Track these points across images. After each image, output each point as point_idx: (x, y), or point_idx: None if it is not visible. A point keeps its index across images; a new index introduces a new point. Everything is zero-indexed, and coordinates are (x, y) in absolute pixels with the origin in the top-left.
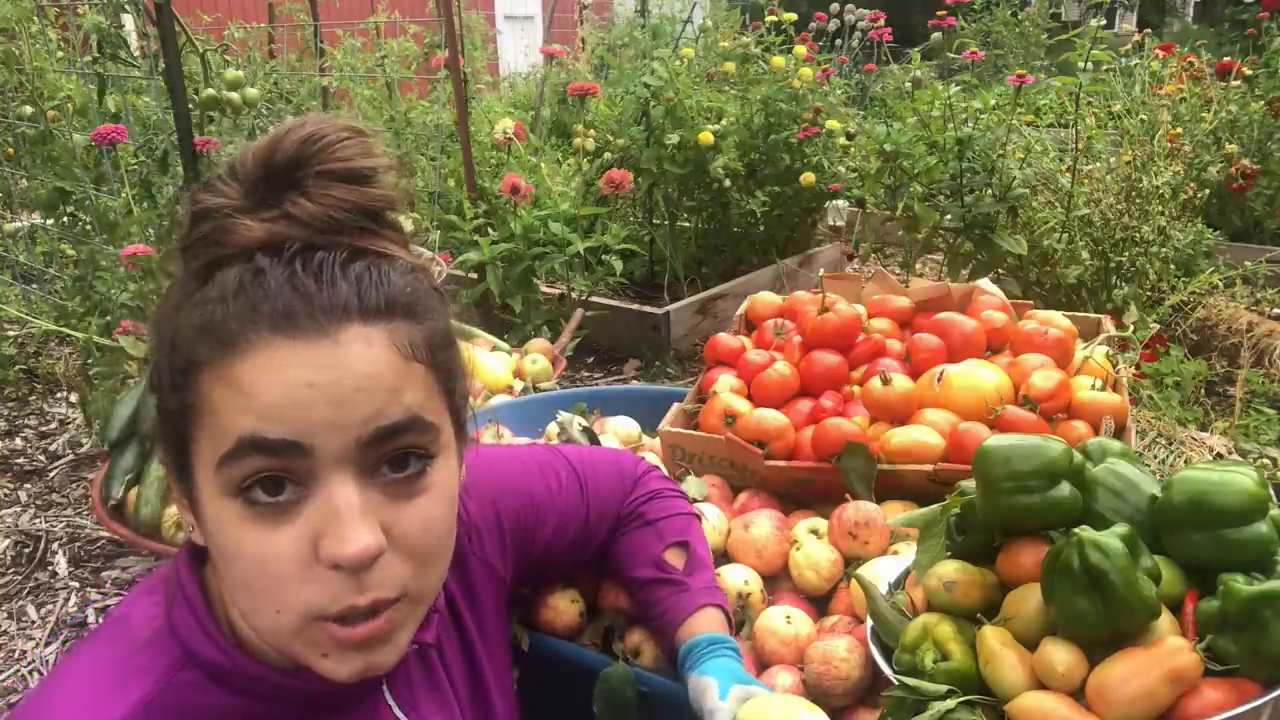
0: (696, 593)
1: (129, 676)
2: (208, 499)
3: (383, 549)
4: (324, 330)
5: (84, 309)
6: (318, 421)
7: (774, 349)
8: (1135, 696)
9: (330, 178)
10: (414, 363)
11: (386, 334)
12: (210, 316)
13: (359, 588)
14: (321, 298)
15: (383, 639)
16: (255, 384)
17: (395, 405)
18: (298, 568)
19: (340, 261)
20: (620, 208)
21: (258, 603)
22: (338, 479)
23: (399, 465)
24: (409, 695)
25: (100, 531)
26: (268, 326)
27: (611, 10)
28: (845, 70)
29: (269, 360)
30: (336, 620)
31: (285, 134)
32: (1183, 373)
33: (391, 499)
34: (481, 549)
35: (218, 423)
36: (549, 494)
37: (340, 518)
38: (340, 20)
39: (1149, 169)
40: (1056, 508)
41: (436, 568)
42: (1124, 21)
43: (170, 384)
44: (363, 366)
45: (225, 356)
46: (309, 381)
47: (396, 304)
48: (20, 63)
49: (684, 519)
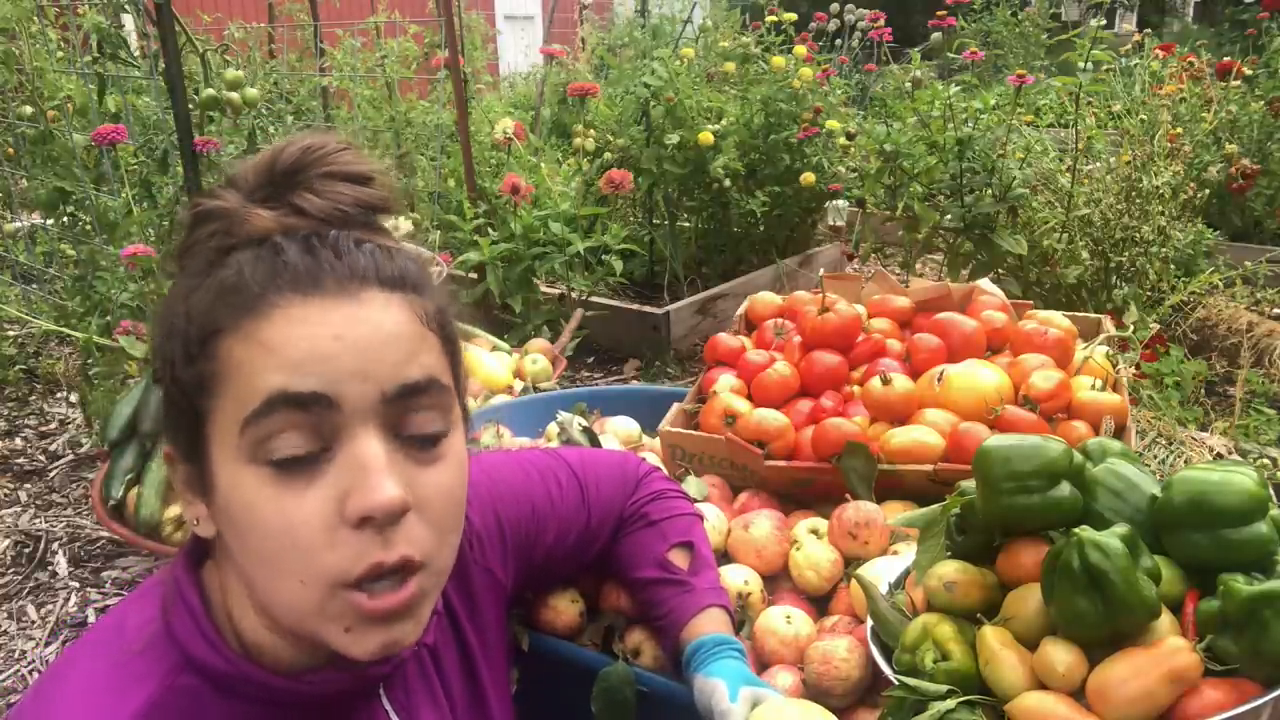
0: (701, 593)
1: (127, 682)
2: (224, 471)
3: (409, 504)
4: (346, 290)
5: (84, 309)
6: (344, 373)
7: (774, 349)
8: (1135, 696)
9: (332, 178)
10: (429, 331)
11: (404, 300)
12: (231, 285)
13: (385, 543)
14: (341, 264)
15: (406, 612)
16: (282, 340)
17: (415, 365)
18: (324, 531)
19: (354, 239)
20: (620, 208)
21: (280, 575)
22: (364, 434)
23: (418, 430)
24: (406, 701)
25: (100, 531)
26: (290, 287)
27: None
28: (845, 70)
29: (294, 317)
30: (361, 588)
31: (285, 145)
32: (1183, 373)
33: (414, 463)
34: (483, 556)
35: (242, 383)
36: (550, 500)
37: (369, 470)
38: (340, 20)
39: (1149, 169)
40: (1056, 508)
41: (452, 539)
42: (1124, 21)
43: (185, 358)
44: (385, 324)
45: (248, 319)
46: (336, 335)
47: (408, 278)
48: (20, 63)
49: (687, 519)
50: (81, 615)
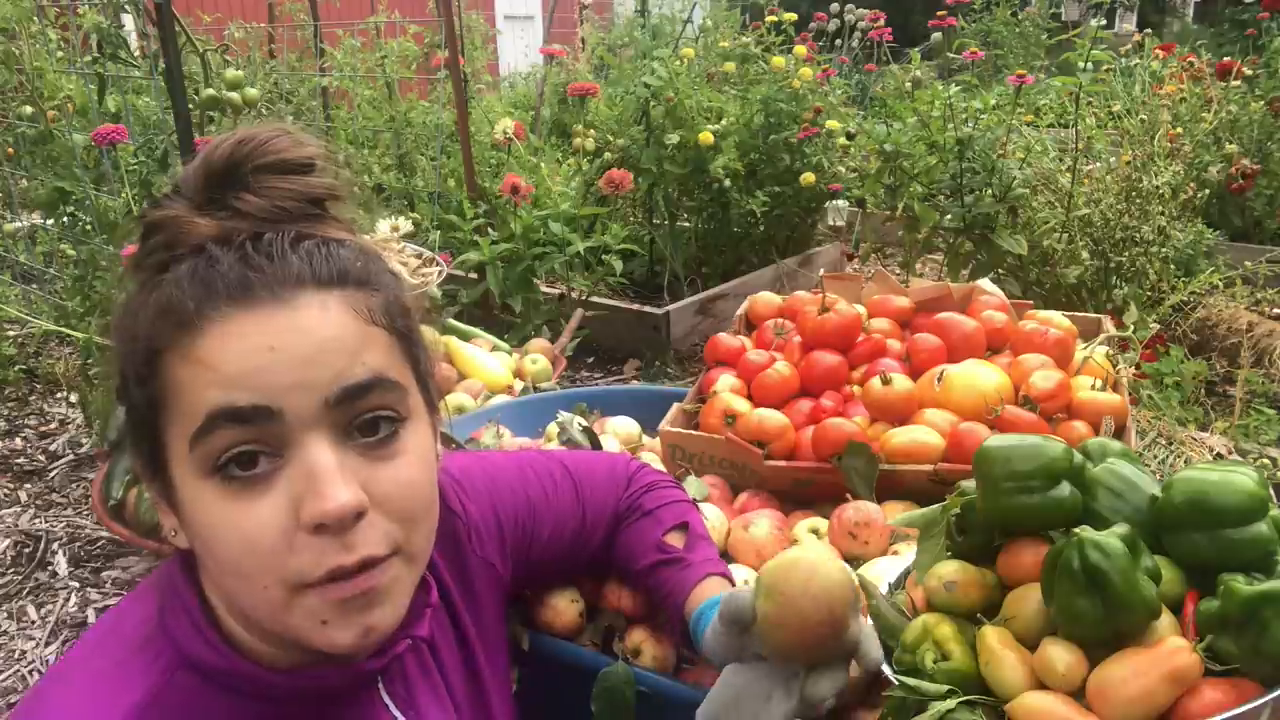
0: (698, 565)
1: (125, 680)
2: (184, 486)
3: (363, 506)
4: (279, 297)
5: (84, 309)
6: (283, 383)
7: (774, 349)
8: (1135, 696)
9: (269, 170)
10: (373, 326)
11: (342, 299)
12: (168, 303)
13: (345, 547)
14: (273, 269)
15: (379, 596)
16: (217, 356)
17: (358, 365)
18: (281, 537)
19: (289, 240)
20: (620, 208)
21: (246, 583)
22: (311, 441)
23: (371, 429)
24: (405, 693)
25: (100, 531)
26: (224, 300)
27: (611, 10)
28: (845, 70)
29: (228, 331)
30: (326, 583)
31: (218, 144)
32: (1183, 373)
33: (368, 461)
34: (482, 548)
35: (185, 402)
36: (545, 496)
37: (318, 477)
38: (340, 20)
39: (1149, 169)
40: (1057, 508)
41: (423, 527)
42: (1124, 21)
43: (136, 379)
44: (322, 329)
45: (186, 336)
46: (270, 345)
47: (349, 274)
48: (20, 63)
49: (681, 504)
50: (81, 615)
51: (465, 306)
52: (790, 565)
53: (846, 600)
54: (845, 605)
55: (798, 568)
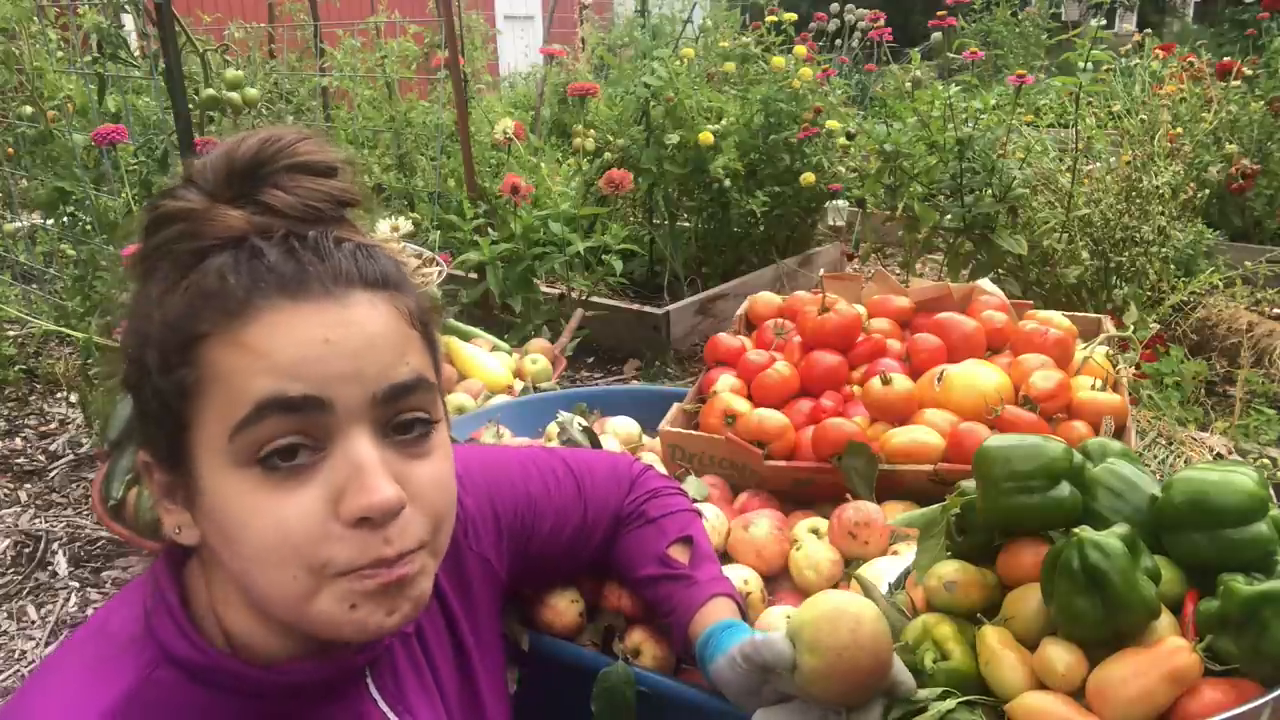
0: (705, 585)
1: (106, 676)
2: (213, 475)
3: (404, 501)
4: (331, 293)
5: (84, 309)
6: (335, 375)
7: (774, 349)
8: (1135, 696)
9: (298, 171)
10: (413, 330)
11: (388, 301)
12: (214, 289)
13: (386, 541)
14: (324, 267)
15: (409, 584)
16: (270, 344)
17: (403, 364)
18: (319, 528)
19: (333, 239)
20: (620, 208)
21: (276, 569)
22: (356, 435)
23: (405, 429)
24: (395, 688)
25: (100, 531)
26: (275, 291)
27: (611, 10)
28: (845, 70)
29: (281, 321)
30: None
31: (240, 140)
32: (1183, 373)
33: (404, 458)
34: (478, 544)
35: (231, 390)
36: (546, 491)
37: (364, 470)
38: (340, 20)
39: (1149, 169)
40: (1057, 508)
41: (447, 524)
42: (1124, 21)
43: (163, 369)
44: (372, 325)
45: (233, 324)
46: (325, 338)
47: (390, 278)
48: (20, 63)
49: (685, 515)
50: (81, 615)
51: (465, 306)
52: (834, 617)
53: (891, 645)
54: (890, 650)
55: (842, 620)
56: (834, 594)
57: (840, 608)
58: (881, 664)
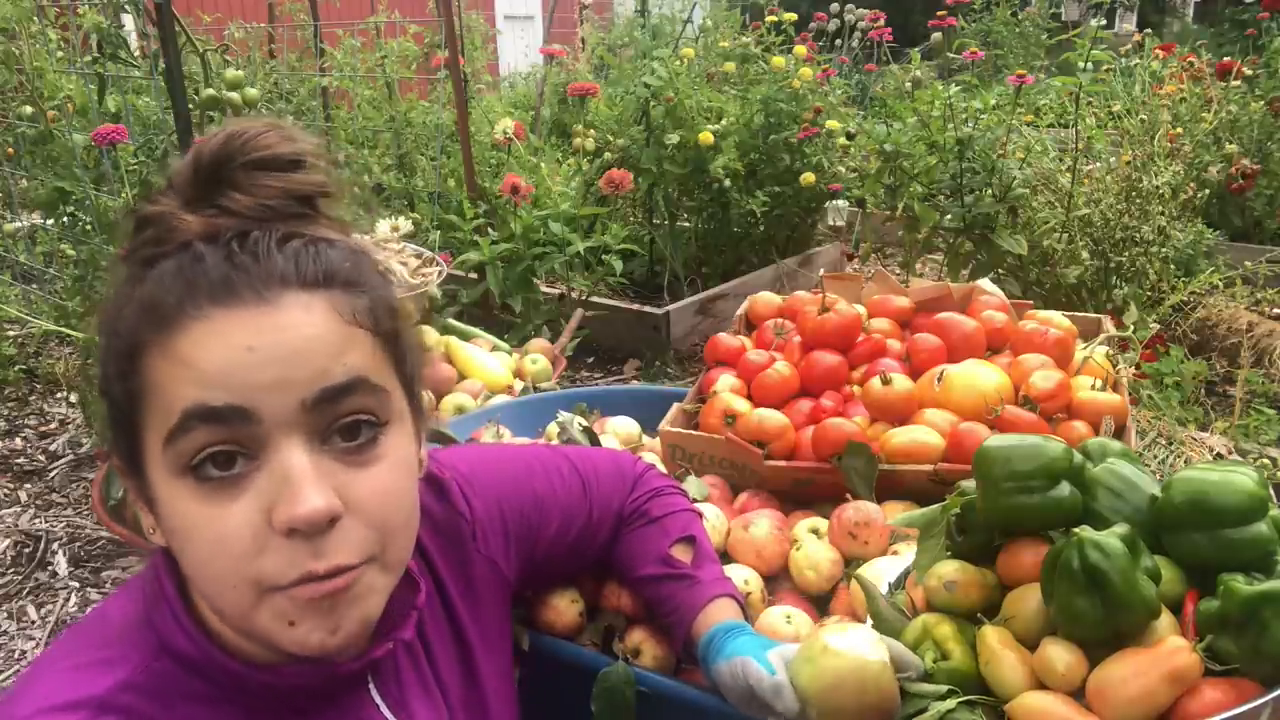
0: (707, 585)
1: (105, 665)
2: (158, 485)
3: (336, 512)
4: (262, 297)
5: (84, 309)
6: (261, 384)
7: (774, 349)
8: (1135, 696)
9: (257, 167)
10: (356, 327)
11: (326, 300)
12: (150, 299)
13: (315, 553)
14: (258, 269)
15: (348, 600)
16: (196, 354)
17: (338, 366)
18: (252, 539)
19: (276, 239)
20: (620, 208)
21: (216, 582)
22: (287, 444)
23: (350, 434)
24: (398, 693)
25: (100, 531)
26: (206, 298)
27: (611, 10)
28: (845, 70)
29: (209, 329)
30: (295, 585)
31: (208, 139)
32: (1183, 373)
33: (345, 466)
34: (486, 547)
35: (162, 399)
36: (552, 492)
37: (291, 481)
38: (340, 20)
39: (1149, 169)
40: (1056, 508)
41: (401, 536)
42: (1124, 21)
43: (117, 374)
44: (304, 329)
45: (166, 333)
46: (249, 345)
47: (335, 275)
48: (20, 63)
49: (687, 515)
50: (81, 615)
51: (465, 306)
52: (839, 679)
53: (897, 696)
54: (896, 700)
55: (848, 683)
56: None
57: (844, 670)
58: (888, 712)
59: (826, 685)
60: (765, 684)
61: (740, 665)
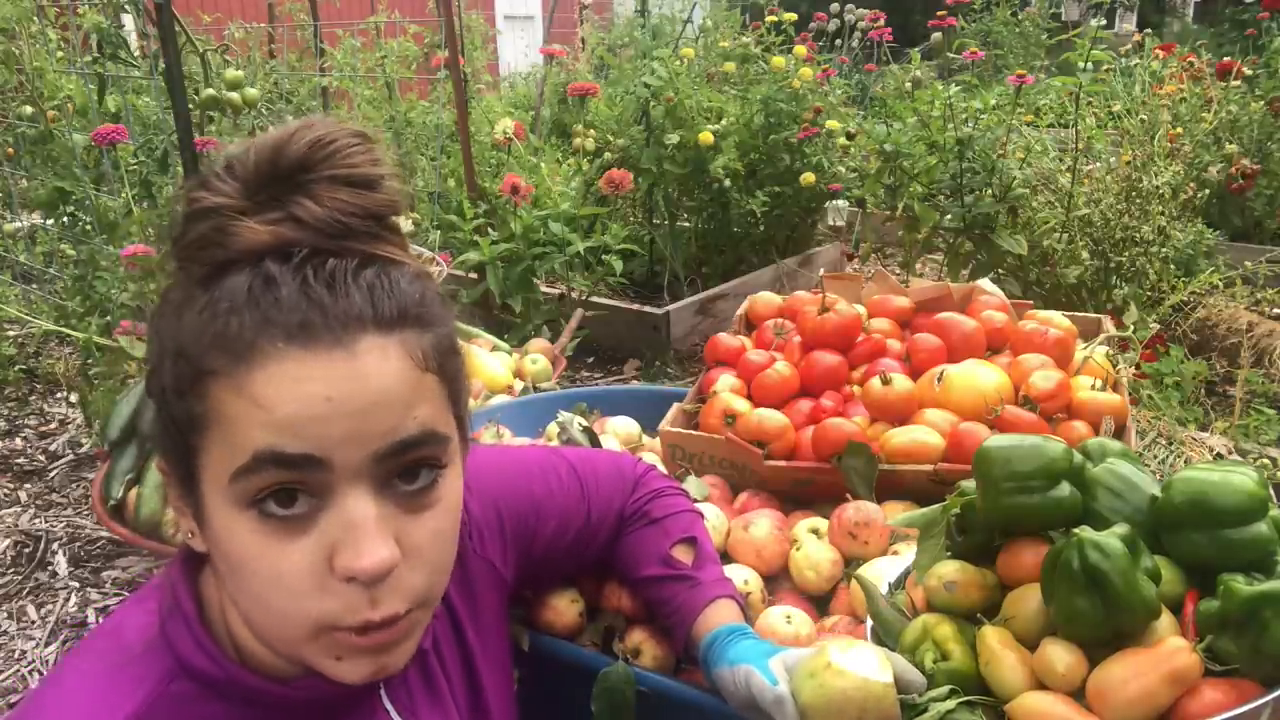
0: (708, 586)
1: (122, 688)
2: (217, 510)
3: (397, 562)
4: (340, 341)
5: (84, 309)
6: (336, 435)
7: (774, 349)
8: (1135, 697)
9: (338, 182)
10: (426, 373)
11: (400, 344)
12: (223, 327)
13: (373, 601)
14: (337, 308)
15: (396, 640)
16: (272, 397)
17: (411, 420)
18: (312, 581)
19: (352, 270)
20: (620, 208)
21: (269, 615)
22: (354, 492)
23: (411, 477)
24: (408, 700)
25: (100, 531)
26: (283, 337)
27: (611, 10)
28: (845, 70)
29: (285, 372)
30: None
31: (292, 136)
32: (1183, 373)
33: (404, 511)
34: (483, 548)
35: (232, 435)
36: (550, 493)
37: (357, 530)
38: (340, 20)
39: (1149, 169)
40: (1056, 508)
41: (444, 575)
42: (1124, 21)
43: (176, 392)
44: (379, 379)
45: (239, 367)
46: (327, 395)
47: (408, 313)
48: (20, 63)
49: (688, 516)
50: (81, 615)
51: (465, 306)
52: (843, 699)
53: (899, 717)
54: (897, 713)
55: (850, 703)
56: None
57: (848, 696)
58: None
59: (828, 704)
60: (768, 696)
61: (744, 674)
